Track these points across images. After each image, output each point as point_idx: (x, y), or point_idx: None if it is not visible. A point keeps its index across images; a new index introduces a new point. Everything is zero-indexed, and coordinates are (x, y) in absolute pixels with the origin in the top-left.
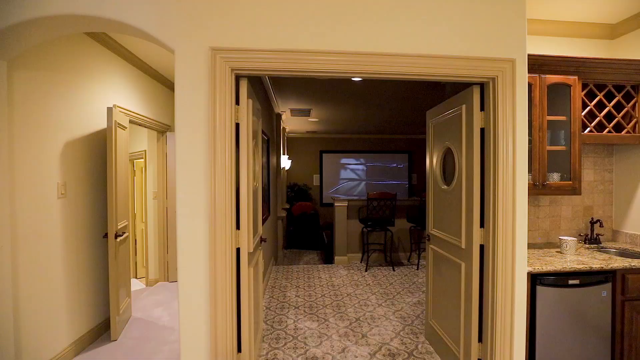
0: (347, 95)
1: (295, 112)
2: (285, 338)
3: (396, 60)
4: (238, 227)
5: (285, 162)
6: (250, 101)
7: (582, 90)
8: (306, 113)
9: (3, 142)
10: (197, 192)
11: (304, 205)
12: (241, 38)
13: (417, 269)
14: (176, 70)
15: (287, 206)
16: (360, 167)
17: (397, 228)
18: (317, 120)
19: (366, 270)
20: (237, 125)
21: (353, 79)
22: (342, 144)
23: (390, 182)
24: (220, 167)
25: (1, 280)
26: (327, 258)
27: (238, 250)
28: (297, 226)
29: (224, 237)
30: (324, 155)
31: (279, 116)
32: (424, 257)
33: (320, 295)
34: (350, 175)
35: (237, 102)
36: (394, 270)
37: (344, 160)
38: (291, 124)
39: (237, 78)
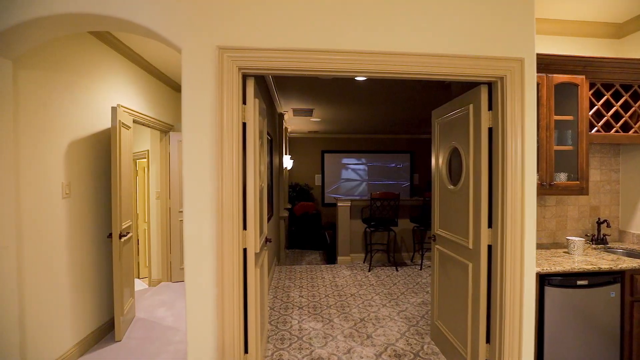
0: (350, 95)
1: (297, 112)
2: (290, 339)
3: (404, 59)
4: (244, 227)
5: (288, 162)
6: (257, 101)
7: (590, 90)
8: (308, 113)
9: (8, 142)
10: (203, 192)
11: (306, 205)
12: (248, 37)
13: (421, 269)
14: (183, 70)
15: (289, 206)
16: (361, 167)
17: (400, 228)
18: (319, 120)
19: (369, 271)
20: (244, 124)
21: (357, 78)
22: (344, 143)
23: (392, 182)
24: (228, 167)
25: (6, 280)
26: (330, 258)
27: (244, 250)
28: (299, 226)
29: (231, 238)
30: (326, 155)
31: (281, 116)
32: (427, 257)
33: (324, 296)
34: (352, 176)
35: (244, 102)
36: (397, 270)
37: (345, 160)
38: (293, 123)
39: (244, 77)
